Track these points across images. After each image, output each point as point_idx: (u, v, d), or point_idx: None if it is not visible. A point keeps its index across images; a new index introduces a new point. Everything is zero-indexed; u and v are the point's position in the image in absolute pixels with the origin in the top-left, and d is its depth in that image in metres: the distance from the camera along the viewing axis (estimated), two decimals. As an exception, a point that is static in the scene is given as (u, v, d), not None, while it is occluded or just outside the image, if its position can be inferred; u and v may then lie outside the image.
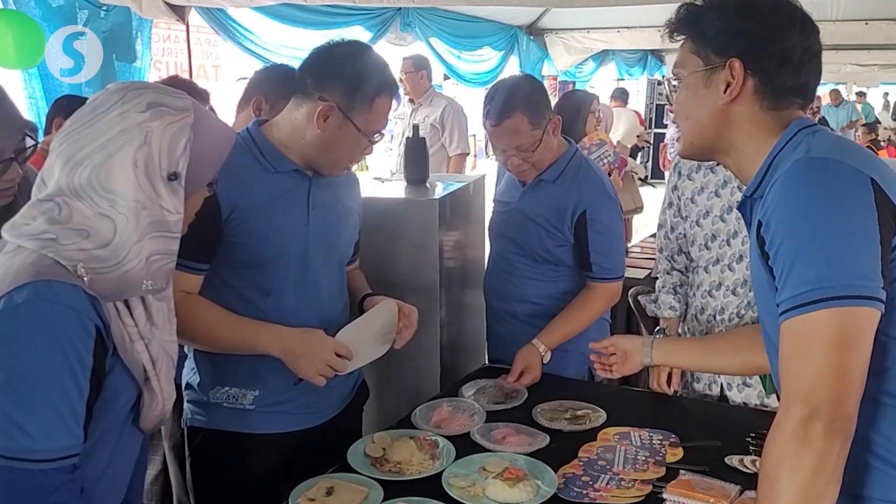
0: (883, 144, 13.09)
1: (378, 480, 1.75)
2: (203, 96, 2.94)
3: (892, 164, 1.66)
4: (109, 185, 1.27)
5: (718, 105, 1.34)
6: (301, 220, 1.90)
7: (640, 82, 13.12)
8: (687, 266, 2.50)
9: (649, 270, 4.05)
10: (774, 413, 1.22)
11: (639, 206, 5.15)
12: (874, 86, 18.97)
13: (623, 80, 11.52)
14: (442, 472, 1.79)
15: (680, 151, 1.47)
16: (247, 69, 4.64)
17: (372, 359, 1.97)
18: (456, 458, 1.86)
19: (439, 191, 2.63)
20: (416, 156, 2.80)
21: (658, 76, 11.86)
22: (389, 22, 5.41)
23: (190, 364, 2.00)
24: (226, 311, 1.86)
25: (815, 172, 1.20)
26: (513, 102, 2.33)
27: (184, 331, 1.82)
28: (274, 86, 2.52)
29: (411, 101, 5.49)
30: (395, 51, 5.80)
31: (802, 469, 1.14)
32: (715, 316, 2.32)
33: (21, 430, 1.18)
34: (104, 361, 1.29)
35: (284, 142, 1.88)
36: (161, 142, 1.30)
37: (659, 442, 1.97)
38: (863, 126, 12.85)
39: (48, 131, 3.39)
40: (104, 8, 4.04)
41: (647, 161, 11.24)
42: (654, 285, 2.61)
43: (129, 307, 1.33)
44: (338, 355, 1.83)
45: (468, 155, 5.57)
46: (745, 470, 1.81)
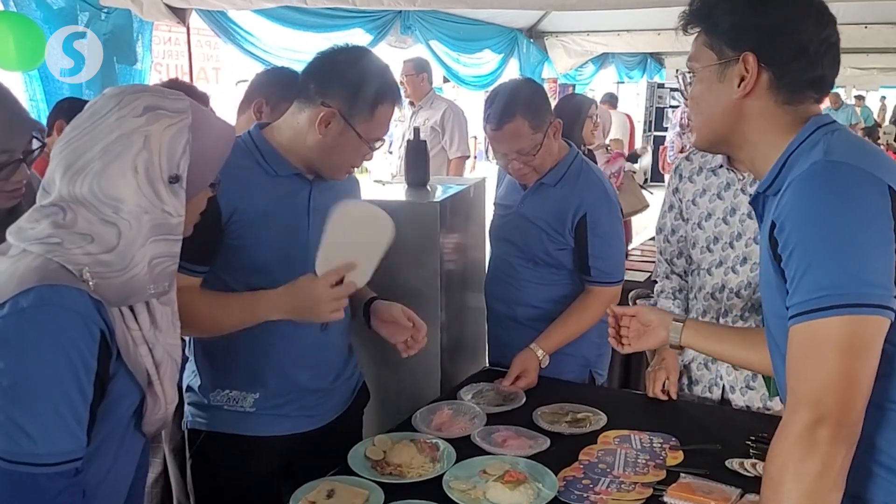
0: (882, 148, 13.09)
1: (379, 483, 1.76)
2: (203, 99, 2.94)
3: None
4: (111, 192, 1.26)
5: (732, 99, 1.33)
6: (302, 223, 1.90)
7: (640, 85, 13.14)
8: (686, 269, 2.50)
9: (649, 273, 4.05)
10: (775, 417, 1.23)
11: (644, 205, 5.15)
12: (873, 89, 18.96)
13: (623, 83, 11.54)
14: (442, 475, 1.80)
15: (694, 143, 1.47)
16: (247, 72, 4.64)
17: (377, 258, 1.81)
18: (456, 461, 1.86)
19: (440, 193, 2.63)
20: (417, 158, 2.80)
21: (658, 79, 11.87)
22: (390, 25, 5.41)
23: (191, 366, 2.00)
24: (218, 293, 1.84)
25: (832, 177, 1.19)
26: (513, 106, 2.34)
27: (183, 322, 1.82)
28: (275, 88, 2.53)
29: (412, 103, 5.50)
30: (395, 53, 5.81)
31: (807, 474, 1.14)
32: (718, 319, 2.32)
33: (25, 433, 1.18)
34: (108, 366, 1.29)
35: (286, 145, 1.88)
36: (160, 145, 1.30)
37: (659, 445, 1.97)
38: (862, 129, 12.85)
39: (49, 133, 3.39)
40: (105, 10, 4.04)
41: (647, 163, 11.21)
42: (653, 288, 2.60)
43: (133, 311, 1.33)
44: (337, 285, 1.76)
45: (468, 158, 5.58)
46: (745, 473, 1.81)
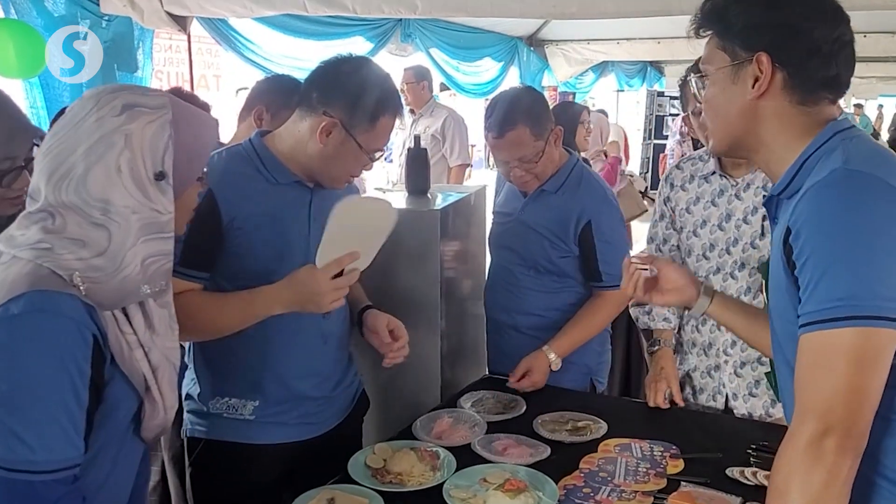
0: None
1: (379, 492, 1.75)
2: (205, 109, 2.96)
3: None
4: (97, 194, 1.25)
5: (746, 100, 1.32)
6: (302, 231, 1.90)
7: (640, 93, 13.16)
8: None
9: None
10: (776, 425, 1.22)
11: (643, 209, 5.17)
12: (872, 98, 19.02)
13: (623, 91, 11.56)
14: (443, 483, 1.79)
15: (712, 148, 1.46)
16: (248, 79, 4.64)
17: (378, 244, 1.83)
18: (457, 470, 1.86)
19: (440, 201, 2.63)
20: (417, 166, 2.80)
21: (657, 87, 11.89)
22: (390, 33, 5.41)
23: (190, 374, 2.00)
24: (216, 294, 1.84)
25: (851, 186, 1.17)
26: (515, 114, 2.34)
27: (183, 326, 1.81)
28: (275, 96, 2.53)
29: (412, 111, 5.51)
30: (395, 61, 5.82)
31: (813, 484, 1.14)
32: (719, 326, 2.31)
33: (21, 441, 1.17)
34: (102, 371, 1.28)
35: (287, 153, 1.89)
36: (142, 143, 1.28)
37: (660, 453, 1.97)
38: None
39: (49, 140, 3.39)
40: (106, 17, 4.04)
41: (647, 172, 11.21)
42: None
43: (127, 315, 1.32)
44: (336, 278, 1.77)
45: (469, 166, 5.58)
46: (746, 482, 1.81)
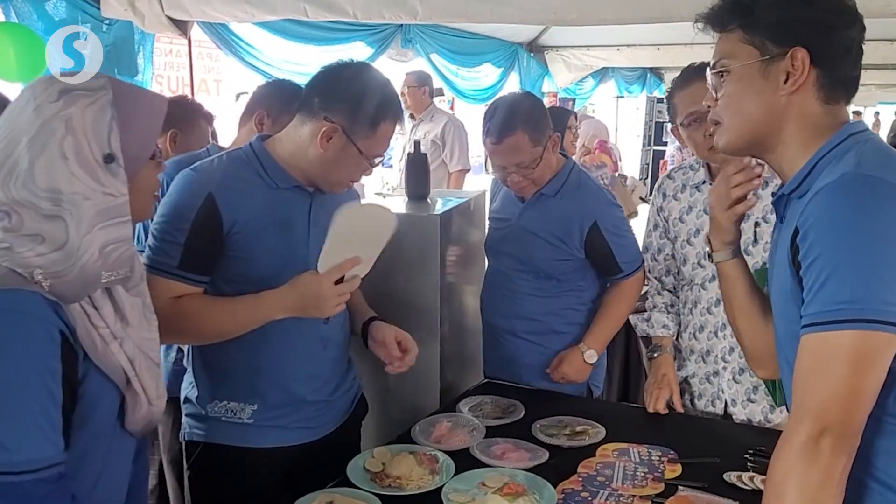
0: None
1: (378, 495, 1.76)
2: (208, 118, 2.97)
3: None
4: (45, 186, 1.22)
5: (778, 97, 1.28)
6: (302, 235, 1.90)
7: (640, 100, 13.18)
8: (675, 286, 2.51)
9: (647, 287, 4.04)
10: (774, 430, 1.23)
11: (633, 210, 5.20)
12: (871, 105, 19.03)
13: (622, 97, 11.57)
14: (441, 487, 1.80)
15: (724, 148, 1.39)
16: (248, 84, 4.65)
17: (378, 250, 1.85)
18: (455, 473, 1.86)
19: (440, 206, 2.63)
20: (417, 171, 2.81)
21: (657, 94, 11.91)
22: (391, 38, 5.42)
23: (189, 378, 2.00)
24: (217, 298, 1.85)
25: (863, 190, 1.17)
26: (513, 120, 2.35)
27: (184, 329, 1.83)
28: (276, 101, 2.54)
29: (412, 116, 5.52)
30: (395, 67, 5.83)
31: (809, 483, 1.15)
32: (717, 333, 2.32)
33: None
34: (75, 367, 1.26)
35: (287, 158, 1.89)
36: (84, 126, 1.25)
37: (658, 458, 1.98)
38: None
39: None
40: (106, 21, 4.04)
41: (646, 178, 11.23)
42: (645, 303, 2.60)
43: (97, 308, 1.29)
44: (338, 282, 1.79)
45: (469, 171, 5.59)
46: (743, 486, 1.81)
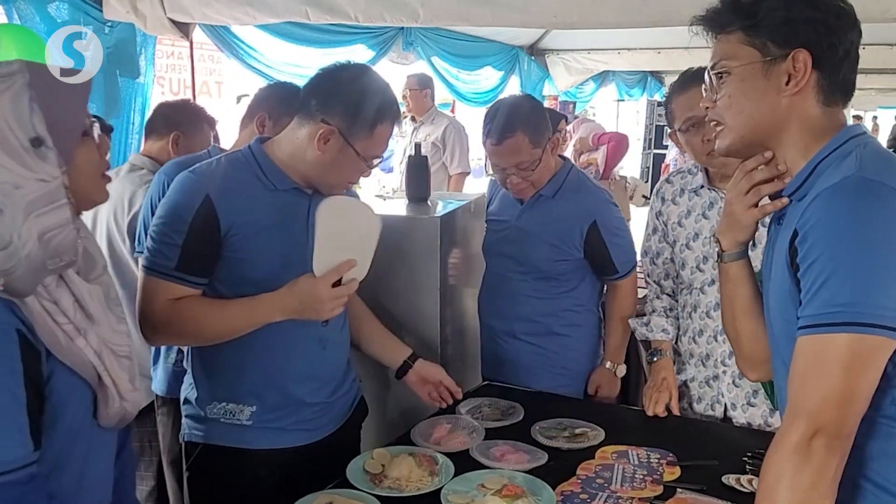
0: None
1: (377, 496, 1.76)
2: (211, 122, 2.98)
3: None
4: None
5: (779, 98, 1.29)
6: (300, 237, 1.90)
7: (640, 103, 13.20)
8: (674, 290, 2.52)
9: (646, 291, 4.05)
10: (773, 434, 1.23)
11: (626, 217, 5.21)
12: (871, 109, 19.06)
13: (623, 100, 11.58)
14: (441, 488, 1.80)
15: (726, 148, 1.38)
16: (249, 87, 4.65)
17: (371, 251, 1.88)
18: (455, 475, 1.86)
19: (440, 209, 2.63)
20: (418, 174, 2.81)
21: (657, 97, 11.93)
22: (392, 41, 5.43)
23: (188, 379, 2.01)
24: (216, 300, 1.85)
25: (864, 194, 1.17)
26: (514, 122, 2.37)
27: (182, 331, 1.85)
28: (278, 103, 2.54)
29: (413, 119, 5.52)
30: (396, 69, 5.83)
31: (802, 482, 1.15)
32: (716, 336, 2.32)
33: None
34: (38, 366, 1.23)
35: (285, 160, 1.89)
36: (3, 113, 1.20)
37: (656, 460, 1.98)
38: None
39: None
40: (108, 24, 4.05)
41: (647, 181, 11.26)
42: (644, 307, 2.61)
43: (56, 302, 1.26)
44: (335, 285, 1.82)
45: (469, 174, 5.60)
46: (741, 489, 1.82)
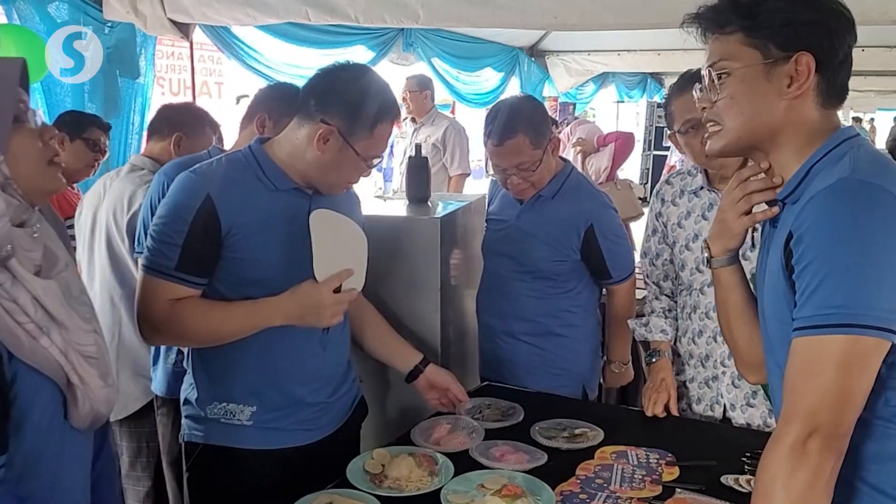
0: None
1: (377, 496, 1.76)
2: (213, 126, 2.98)
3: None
4: None
5: (779, 101, 1.28)
6: (301, 237, 1.90)
7: (640, 105, 13.22)
8: (673, 291, 2.52)
9: (645, 292, 4.05)
10: (771, 434, 1.23)
11: (639, 212, 5.21)
12: (871, 112, 19.09)
13: (623, 102, 11.61)
14: (440, 488, 1.80)
15: (721, 149, 1.36)
16: (249, 87, 4.66)
17: (365, 257, 1.91)
18: (455, 475, 1.86)
19: (440, 209, 2.64)
20: (418, 175, 2.81)
21: (657, 99, 11.95)
22: (392, 42, 5.44)
23: (188, 379, 2.00)
24: (218, 303, 1.86)
25: (858, 196, 1.17)
26: (515, 123, 2.37)
27: (183, 332, 1.86)
28: (278, 104, 2.54)
29: (413, 120, 5.52)
30: (397, 70, 5.84)
31: (797, 483, 1.16)
32: (715, 337, 2.32)
33: None
34: (0, 370, 1.20)
35: (285, 160, 1.89)
36: None
37: (655, 461, 1.98)
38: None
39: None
40: (108, 24, 4.06)
41: (646, 182, 11.27)
42: (643, 308, 2.61)
43: (15, 300, 1.22)
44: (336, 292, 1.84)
45: (469, 175, 5.61)
46: (740, 489, 1.82)
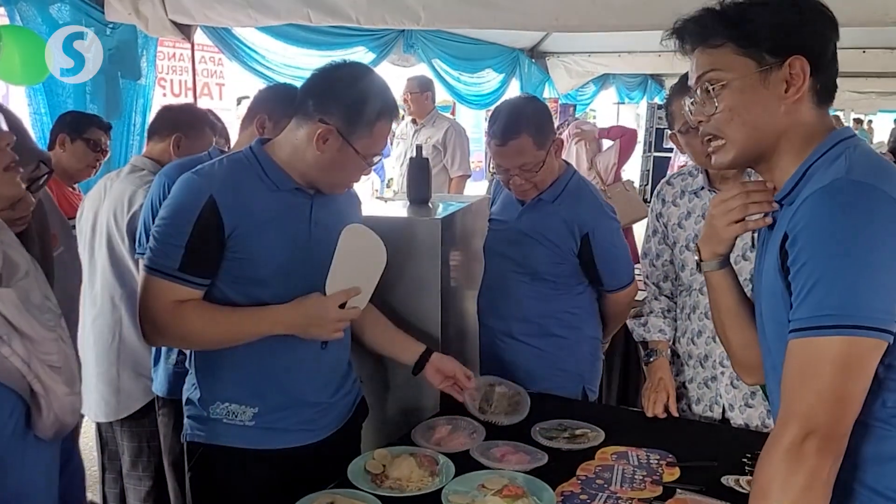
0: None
1: (378, 496, 1.76)
2: (213, 126, 2.98)
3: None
4: None
5: (779, 106, 1.28)
6: (303, 237, 1.91)
7: (641, 106, 13.22)
8: (673, 292, 2.53)
9: (645, 292, 4.05)
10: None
11: (643, 214, 5.20)
12: (872, 113, 19.08)
13: (623, 103, 11.60)
14: (441, 489, 1.80)
15: (731, 163, 1.35)
16: (250, 88, 4.67)
17: (376, 280, 1.94)
18: (455, 476, 1.87)
19: (441, 210, 2.64)
20: (419, 176, 2.81)
21: (658, 100, 11.95)
22: (392, 43, 5.45)
23: (191, 379, 2.01)
24: (222, 307, 1.87)
25: (853, 197, 1.17)
26: (519, 123, 2.38)
27: (186, 335, 1.86)
28: (277, 104, 2.55)
29: (414, 121, 5.52)
30: (397, 72, 5.84)
31: (794, 485, 1.15)
32: (714, 338, 2.33)
33: None
34: None
35: (286, 161, 1.90)
36: None
37: (656, 461, 1.98)
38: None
39: (52, 147, 3.42)
40: (110, 25, 4.07)
41: (647, 184, 11.28)
42: (642, 308, 2.62)
43: None
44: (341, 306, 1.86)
45: (469, 177, 5.61)
46: (740, 490, 1.82)
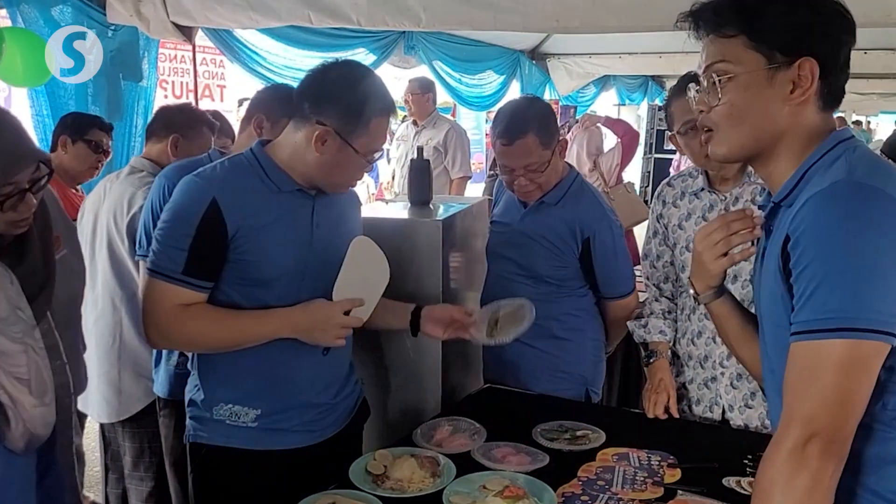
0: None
1: (379, 497, 1.77)
2: (211, 126, 2.98)
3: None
4: None
5: (782, 106, 1.26)
6: (305, 237, 1.92)
7: (641, 108, 13.23)
8: (673, 293, 2.53)
9: (645, 294, 4.05)
10: (772, 436, 1.23)
11: (644, 217, 5.20)
12: (873, 114, 19.09)
13: (624, 105, 11.60)
14: (443, 489, 1.81)
15: (724, 157, 1.34)
16: (251, 90, 4.66)
17: (380, 294, 1.97)
18: (456, 477, 1.87)
19: (442, 212, 2.64)
20: (420, 177, 2.82)
21: (658, 102, 11.95)
22: (393, 45, 5.45)
23: (193, 381, 2.01)
24: (227, 310, 1.87)
25: (855, 199, 1.16)
26: (525, 123, 2.38)
27: (190, 338, 1.88)
28: (275, 105, 2.55)
29: (415, 123, 5.52)
30: (398, 73, 5.84)
31: (796, 488, 1.15)
32: (714, 338, 2.33)
33: None
34: None
35: (287, 162, 1.90)
36: None
37: (657, 463, 1.98)
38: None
39: (53, 148, 3.42)
40: (112, 27, 4.07)
41: (647, 186, 11.28)
42: (643, 310, 2.62)
43: None
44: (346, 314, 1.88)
45: (470, 178, 5.61)
46: (742, 491, 1.82)
